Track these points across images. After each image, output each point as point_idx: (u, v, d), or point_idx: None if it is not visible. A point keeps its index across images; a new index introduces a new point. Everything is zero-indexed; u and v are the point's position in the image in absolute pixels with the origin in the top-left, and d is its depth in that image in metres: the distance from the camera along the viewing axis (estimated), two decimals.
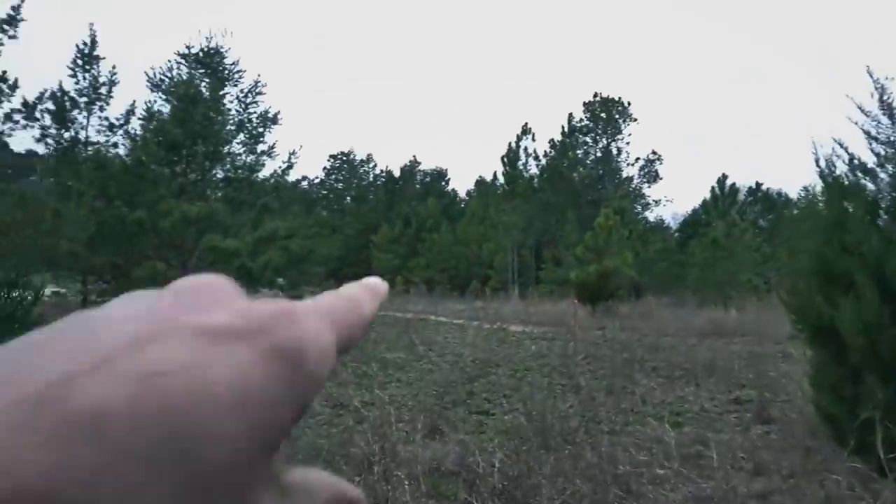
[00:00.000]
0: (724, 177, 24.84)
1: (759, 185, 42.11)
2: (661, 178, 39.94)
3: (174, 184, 7.90)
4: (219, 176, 10.09)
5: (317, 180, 60.04)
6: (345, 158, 57.93)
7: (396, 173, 54.19)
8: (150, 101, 11.21)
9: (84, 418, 0.15)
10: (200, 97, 8.59)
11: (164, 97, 10.13)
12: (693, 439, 4.89)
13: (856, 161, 4.20)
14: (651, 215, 41.79)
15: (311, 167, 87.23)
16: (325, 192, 58.47)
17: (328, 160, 59.53)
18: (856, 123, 4.31)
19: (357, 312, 0.23)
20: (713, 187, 24.91)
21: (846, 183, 4.21)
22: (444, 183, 54.68)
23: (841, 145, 4.34)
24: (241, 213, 9.01)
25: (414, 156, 72.28)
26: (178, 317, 0.18)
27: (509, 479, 3.69)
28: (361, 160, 57.11)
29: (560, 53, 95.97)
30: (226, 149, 10.07)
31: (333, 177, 58.83)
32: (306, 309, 0.21)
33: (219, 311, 0.19)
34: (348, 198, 54.82)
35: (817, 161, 4.50)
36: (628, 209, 30.50)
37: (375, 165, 57.21)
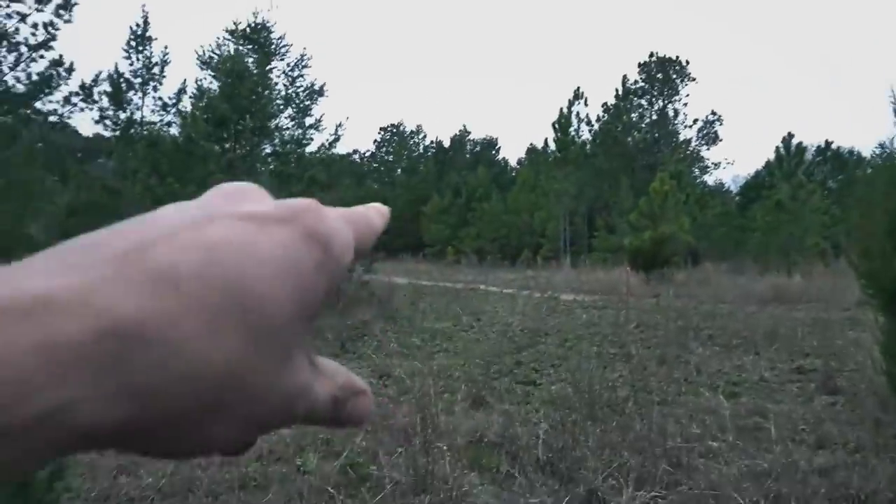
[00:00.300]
0: (790, 136, 23.49)
1: (828, 143, 39.82)
2: (720, 140, 38.23)
3: (223, 159, 8.01)
4: (267, 150, 10.21)
5: (367, 153, 60.55)
6: (395, 130, 58.02)
7: (446, 143, 53.89)
8: (200, 80, 11.33)
9: (161, 274, 0.19)
10: (247, 72, 8.64)
11: (213, 75, 10.23)
12: (750, 410, 4.66)
13: None
14: (710, 179, 40.19)
15: (361, 140, 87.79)
16: (376, 164, 58.87)
17: (378, 133, 59.93)
18: None
19: (368, 223, 0.27)
20: (778, 147, 23.58)
21: None
22: (494, 152, 54.06)
23: None
24: (290, 187, 9.09)
25: (464, 125, 71.69)
26: (227, 207, 0.22)
27: (553, 450, 3.60)
28: (411, 131, 57.10)
29: (613, 13, 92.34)
30: (273, 123, 10.16)
31: (384, 149, 59.10)
32: (330, 210, 0.25)
33: (259, 203, 0.23)
34: (399, 169, 55.00)
35: (895, 108, 4.11)
36: (685, 173, 29.37)
37: (425, 136, 57.13)
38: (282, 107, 11.62)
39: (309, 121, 12.08)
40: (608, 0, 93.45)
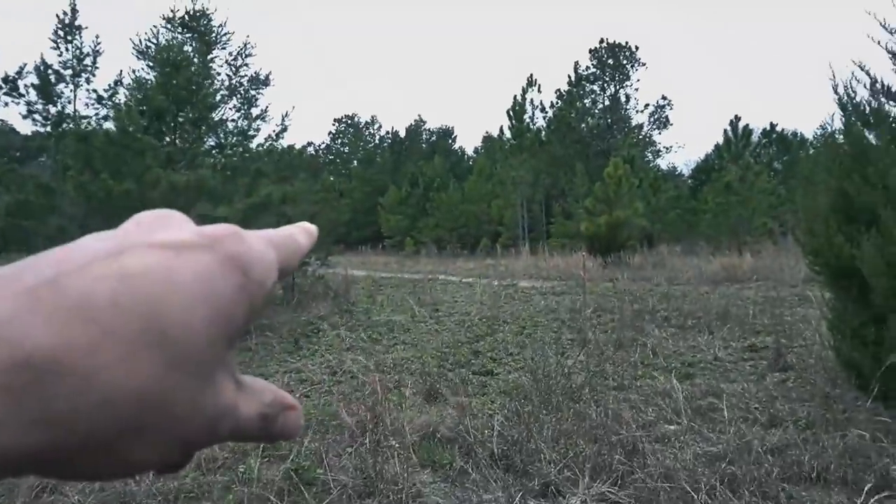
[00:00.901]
0: (737, 118, 24.02)
1: (773, 126, 40.98)
2: (671, 125, 39.05)
3: (161, 153, 7.62)
4: (211, 143, 9.81)
5: (323, 146, 59.55)
6: (349, 122, 57.25)
7: (402, 134, 53.47)
8: (137, 71, 10.79)
9: (76, 304, 0.19)
10: (184, 62, 8.24)
11: (149, 65, 9.74)
12: (705, 391, 4.66)
13: (878, 85, 3.81)
14: (663, 163, 40.96)
15: (317, 133, 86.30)
16: (332, 156, 58.00)
17: (333, 124, 59.01)
18: (878, 43, 3.90)
19: (293, 243, 0.28)
20: (725, 130, 24.10)
21: (868, 109, 3.83)
22: (450, 141, 53.93)
23: (862, 68, 3.94)
24: (235, 179, 8.75)
25: (419, 115, 71.23)
26: (145, 236, 0.22)
27: (509, 443, 3.49)
28: (366, 122, 56.43)
29: (563, 1, 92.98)
30: (215, 115, 9.75)
31: (339, 141, 58.26)
32: (252, 233, 0.25)
33: (179, 231, 0.23)
34: (355, 161, 54.33)
35: (835, 87, 4.12)
36: (638, 157, 29.79)
37: (380, 127, 56.58)
38: (226, 97, 11.21)
39: (255, 112, 11.71)
40: None
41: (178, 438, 0.22)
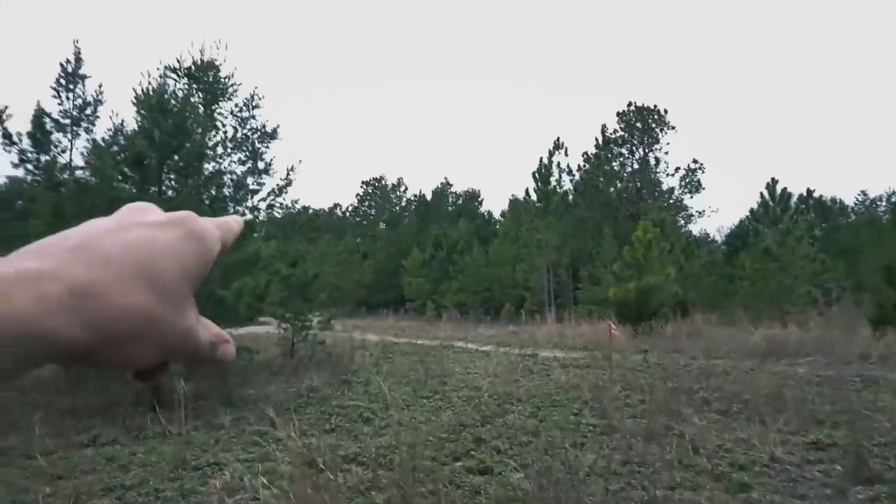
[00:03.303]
0: (775, 181, 22.89)
1: (810, 191, 39.64)
2: (703, 189, 37.84)
3: (137, 202, 6.93)
4: (206, 194, 9.16)
5: (350, 207, 59.84)
6: (376, 184, 57.56)
7: (429, 197, 53.38)
8: (139, 121, 10.32)
9: (99, 258, 0.34)
10: (171, 106, 7.69)
11: (142, 113, 9.28)
12: None
13: None
14: (695, 228, 39.65)
15: (344, 195, 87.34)
16: (359, 218, 58.09)
17: (361, 187, 59.31)
18: None
19: (230, 227, 0.43)
20: (761, 193, 22.94)
21: None
22: (477, 204, 53.58)
23: None
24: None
25: (445, 178, 71.60)
26: (135, 219, 0.38)
27: None
28: (393, 185, 56.63)
29: (591, 64, 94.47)
30: (210, 165, 9.16)
31: (367, 203, 58.48)
32: (204, 218, 0.40)
33: (156, 215, 0.39)
34: (382, 224, 54.21)
35: None
36: (669, 221, 28.70)
37: (407, 189, 56.63)
38: (230, 150, 10.69)
39: (261, 165, 11.13)
40: (586, 50, 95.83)
41: (162, 344, 0.36)
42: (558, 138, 30.43)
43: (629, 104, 36.47)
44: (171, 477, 4.58)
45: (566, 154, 31.67)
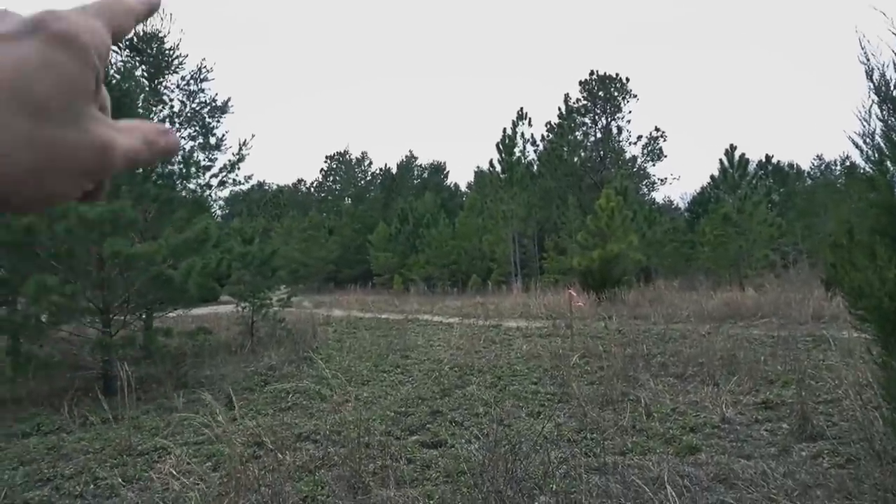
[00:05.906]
0: (733, 147, 23.16)
1: (768, 157, 40.42)
2: (665, 157, 38.30)
3: None
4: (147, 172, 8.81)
5: (315, 183, 58.92)
6: (340, 158, 56.72)
7: (394, 170, 52.84)
8: None
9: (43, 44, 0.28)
10: (109, 80, 7.30)
11: None
12: (712, 475, 3.54)
13: None
14: (658, 196, 40.18)
15: (308, 170, 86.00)
16: (323, 194, 57.29)
17: (325, 161, 58.44)
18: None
19: (120, 6, 0.33)
20: (721, 160, 23.24)
21: None
22: (442, 176, 53.30)
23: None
24: (170, 214, 7.73)
25: (410, 151, 70.93)
26: None
27: None
28: (357, 159, 55.88)
29: (554, 35, 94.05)
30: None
31: (331, 178, 57.65)
32: (70, 10, 0.30)
33: (5, 25, 0.28)
34: (347, 199, 53.60)
35: (869, 73, 3.13)
36: (632, 189, 28.97)
37: (371, 163, 56.01)
38: (178, 125, 10.28)
39: (212, 142, 10.75)
40: (549, 21, 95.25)
41: (77, 170, 0.29)
42: (522, 108, 30.37)
43: (591, 73, 36.46)
44: (113, 463, 4.42)
45: (530, 124, 31.58)
